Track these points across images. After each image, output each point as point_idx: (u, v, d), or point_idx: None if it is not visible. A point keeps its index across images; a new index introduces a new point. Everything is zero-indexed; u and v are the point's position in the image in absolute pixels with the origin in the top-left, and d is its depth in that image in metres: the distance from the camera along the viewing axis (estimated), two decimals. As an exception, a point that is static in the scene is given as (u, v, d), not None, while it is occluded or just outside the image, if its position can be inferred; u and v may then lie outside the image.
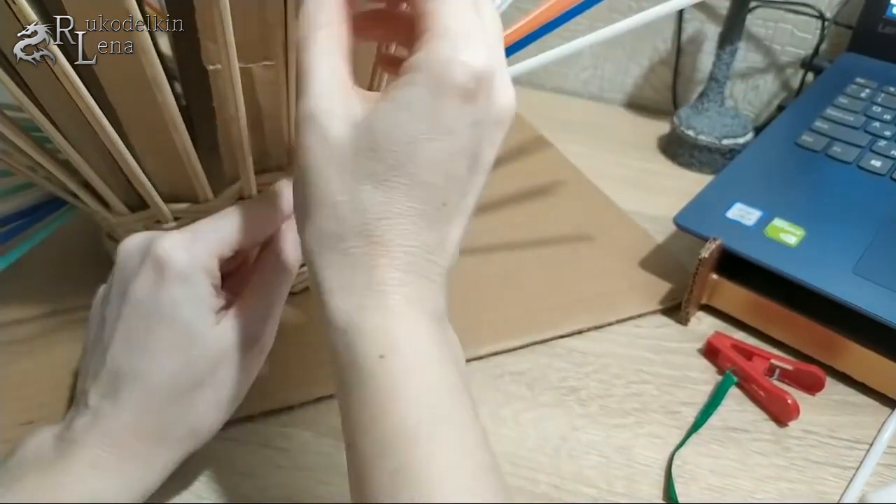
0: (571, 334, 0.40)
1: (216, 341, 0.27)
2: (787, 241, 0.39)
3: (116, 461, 0.26)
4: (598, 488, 0.32)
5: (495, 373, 0.38)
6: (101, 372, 0.27)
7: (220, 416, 0.29)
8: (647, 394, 0.37)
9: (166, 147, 0.30)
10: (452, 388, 0.21)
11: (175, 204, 0.33)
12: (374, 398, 0.21)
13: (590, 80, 0.67)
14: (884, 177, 0.43)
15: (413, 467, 0.19)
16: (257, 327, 0.29)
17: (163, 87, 0.27)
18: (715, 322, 0.41)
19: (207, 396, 0.28)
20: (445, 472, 0.20)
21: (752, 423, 0.35)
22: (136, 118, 0.30)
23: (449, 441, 0.20)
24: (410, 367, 0.21)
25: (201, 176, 0.32)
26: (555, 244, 0.47)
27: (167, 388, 0.27)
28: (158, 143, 0.30)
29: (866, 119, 0.47)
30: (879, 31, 0.52)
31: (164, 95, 0.28)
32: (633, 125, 0.64)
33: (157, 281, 0.26)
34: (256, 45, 0.29)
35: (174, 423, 0.27)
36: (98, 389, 0.27)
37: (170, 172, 0.32)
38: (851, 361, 0.37)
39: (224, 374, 0.28)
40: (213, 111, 0.30)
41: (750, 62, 0.60)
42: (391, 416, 0.20)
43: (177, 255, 0.26)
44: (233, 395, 0.29)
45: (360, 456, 0.20)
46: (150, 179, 0.32)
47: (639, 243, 0.47)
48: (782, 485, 0.32)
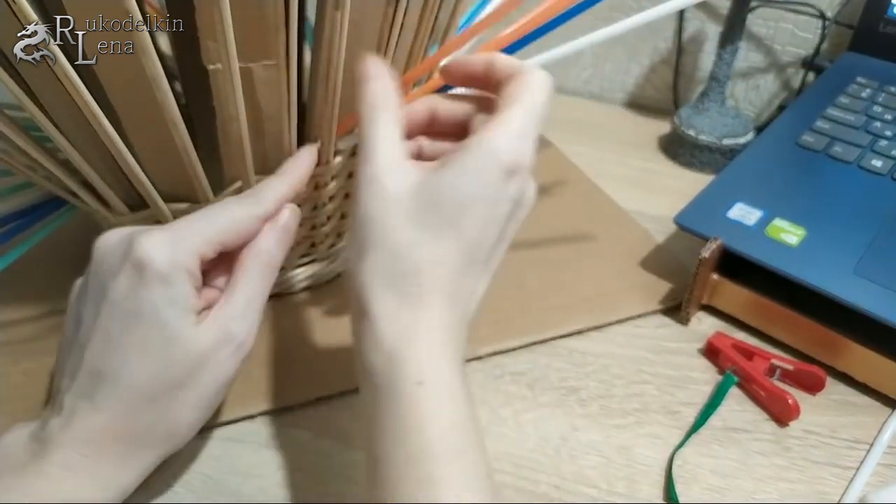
0: (572, 334, 0.40)
1: (196, 342, 0.27)
2: (787, 240, 0.39)
3: (91, 462, 0.26)
4: (598, 488, 0.32)
5: (495, 373, 0.38)
6: (77, 372, 0.27)
7: (200, 417, 0.29)
8: (647, 394, 0.37)
9: (166, 147, 0.30)
10: (472, 422, 0.25)
11: (175, 203, 0.33)
12: (407, 416, 0.23)
13: (590, 80, 0.67)
14: (885, 176, 0.43)
15: (438, 480, 0.22)
16: (238, 326, 0.28)
17: (163, 86, 0.27)
18: (715, 322, 0.41)
19: (187, 397, 0.27)
20: (463, 491, 0.22)
21: (752, 424, 0.35)
22: (136, 118, 0.30)
23: (468, 466, 0.23)
24: (442, 397, 0.24)
25: (201, 176, 0.32)
26: (555, 244, 0.47)
27: (145, 389, 0.26)
28: (158, 143, 0.30)
29: (867, 119, 0.47)
30: (880, 30, 0.52)
31: (163, 95, 0.28)
32: (634, 125, 0.63)
33: (136, 281, 0.26)
34: (256, 45, 0.29)
35: (152, 424, 0.27)
36: (74, 389, 0.27)
37: (170, 172, 0.32)
38: (852, 361, 0.37)
39: (204, 375, 0.28)
40: (213, 111, 0.30)
41: (751, 62, 0.60)
42: (423, 434, 0.23)
43: (157, 256, 0.26)
44: (213, 395, 0.28)
45: (389, 463, 0.23)
46: (150, 179, 0.32)
47: (639, 243, 0.47)
48: (783, 485, 0.32)
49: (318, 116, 0.33)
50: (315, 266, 0.41)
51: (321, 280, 0.42)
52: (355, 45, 0.31)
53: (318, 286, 0.42)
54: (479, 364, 0.38)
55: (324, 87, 0.32)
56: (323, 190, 0.37)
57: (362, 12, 0.30)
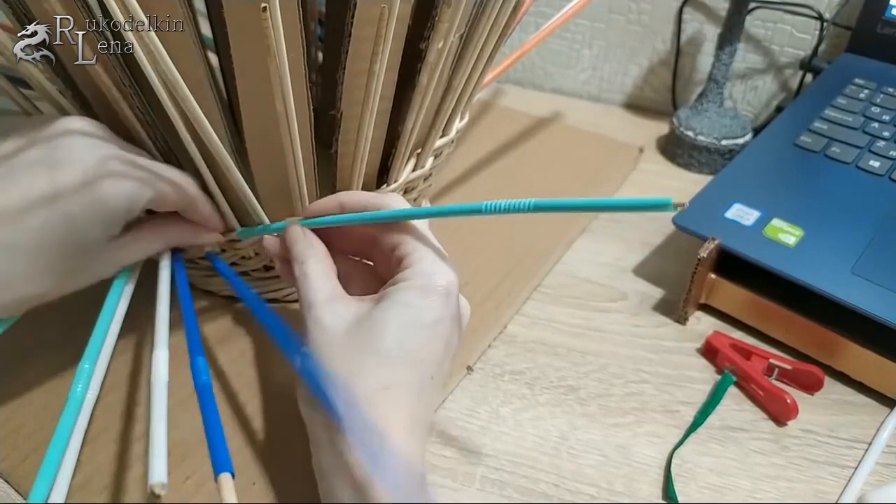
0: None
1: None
2: (785, 241, 0.39)
3: None
4: (597, 487, 0.32)
5: (495, 372, 0.38)
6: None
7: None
8: (646, 393, 0.37)
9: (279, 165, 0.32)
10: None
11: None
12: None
13: (589, 81, 0.68)
14: (882, 177, 0.43)
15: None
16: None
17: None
18: (714, 322, 0.41)
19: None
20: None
21: (750, 423, 0.35)
22: (260, 140, 0.31)
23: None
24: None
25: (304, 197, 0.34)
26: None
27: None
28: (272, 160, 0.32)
29: (865, 120, 0.48)
30: (878, 31, 0.52)
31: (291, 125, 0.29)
32: (633, 126, 0.64)
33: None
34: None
35: None
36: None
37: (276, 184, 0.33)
38: (850, 361, 0.37)
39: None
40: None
41: (749, 63, 0.60)
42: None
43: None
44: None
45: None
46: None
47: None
48: (781, 484, 0.32)
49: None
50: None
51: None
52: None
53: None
54: (479, 364, 0.38)
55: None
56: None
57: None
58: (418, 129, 0.35)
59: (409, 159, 0.38)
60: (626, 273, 0.45)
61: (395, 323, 0.26)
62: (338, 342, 0.27)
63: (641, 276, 0.45)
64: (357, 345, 0.26)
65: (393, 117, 0.34)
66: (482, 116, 0.63)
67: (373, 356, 0.26)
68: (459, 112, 0.39)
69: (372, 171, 0.36)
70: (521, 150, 0.58)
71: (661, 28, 0.62)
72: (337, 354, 0.26)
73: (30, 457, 0.32)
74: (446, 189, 0.52)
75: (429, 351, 0.27)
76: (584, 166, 0.55)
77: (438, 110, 0.37)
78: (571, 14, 0.47)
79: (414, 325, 0.27)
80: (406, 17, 0.30)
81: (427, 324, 0.27)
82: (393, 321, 0.26)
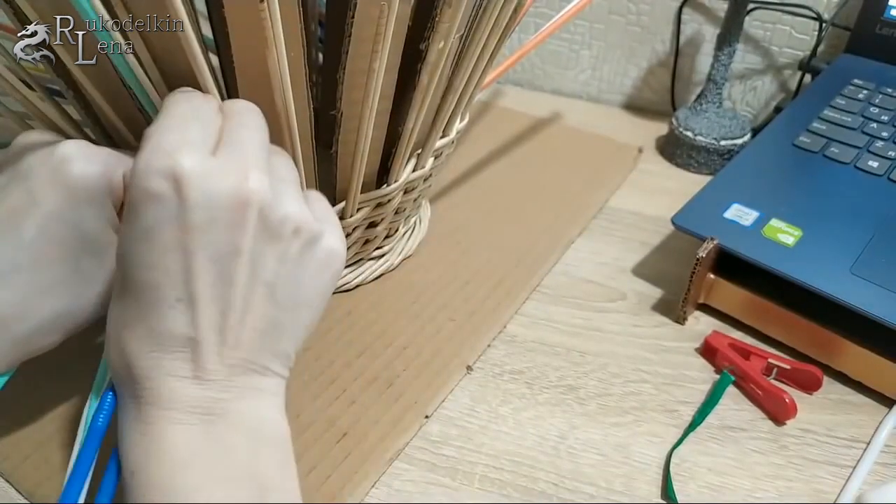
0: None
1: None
2: (784, 241, 0.39)
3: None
4: (596, 486, 0.32)
5: (494, 371, 0.38)
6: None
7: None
8: (645, 393, 0.37)
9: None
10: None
11: None
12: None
13: (588, 82, 0.68)
14: (881, 177, 0.43)
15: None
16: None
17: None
18: (712, 321, 0.41)
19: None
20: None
21: (749, 422, 0.35)
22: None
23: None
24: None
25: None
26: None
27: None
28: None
29: (864, 120, 0.48)
30: (877, 32, 0.52)
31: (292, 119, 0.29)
32: (632, 126, 0.64)
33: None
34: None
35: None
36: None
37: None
38: (849, 361, 0.37)
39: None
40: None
41: (748, 63, 0.60)
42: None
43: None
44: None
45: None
46: None
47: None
48: (780, 483, 0.32)
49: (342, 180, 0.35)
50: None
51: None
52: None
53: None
54: (478, 363, 0.38)
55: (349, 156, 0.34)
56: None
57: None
58: (418, 130, 0.35)
59: (409, 159, 0.38)
60: (625, 273, 0.45)
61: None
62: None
63: (640, 276, 0.45)
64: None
65: (393, 118, 0.35)
66: (482, 117, 0.63)
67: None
68: (460, 113, 0.40)
69: (372, 171, 0.36)
70: (520, 150, 0.58)
71: (660, 29, 0.62)
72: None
73: (31, 457, 0.32)
74: (446, 189, 0.52)
75: (144, 269, 0.24)
76: (584, 167, 0.55)
77: (439, 111, 0.37)
78: (571, 15, 0.48)
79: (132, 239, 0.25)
80: (406, 17, 0.30)
81: (138, 234, 0.24)
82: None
